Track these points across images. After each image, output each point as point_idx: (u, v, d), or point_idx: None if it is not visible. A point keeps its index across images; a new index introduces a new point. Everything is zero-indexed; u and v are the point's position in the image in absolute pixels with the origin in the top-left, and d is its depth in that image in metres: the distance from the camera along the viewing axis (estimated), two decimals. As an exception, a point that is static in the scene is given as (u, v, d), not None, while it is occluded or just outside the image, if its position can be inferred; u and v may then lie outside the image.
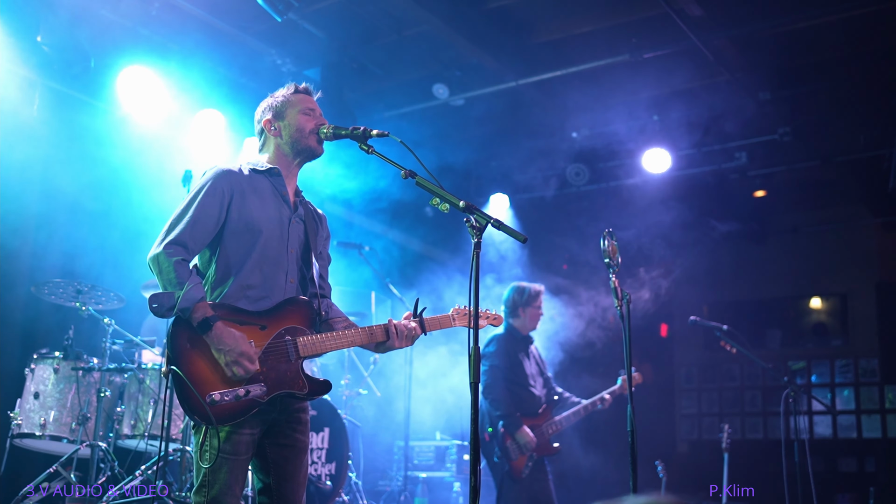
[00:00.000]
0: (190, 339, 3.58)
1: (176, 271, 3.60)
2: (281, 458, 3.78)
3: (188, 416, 3.58)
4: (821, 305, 12.71)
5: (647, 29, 8.20)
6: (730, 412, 12.48)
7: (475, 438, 3.22)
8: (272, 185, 3.96)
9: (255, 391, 3.56)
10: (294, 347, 3.75)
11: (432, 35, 8.45)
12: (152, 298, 3.57)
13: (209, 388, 3.52)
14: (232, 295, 3.75)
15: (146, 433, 6.59)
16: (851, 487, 11.08)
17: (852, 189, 11.18)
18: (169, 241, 3.68)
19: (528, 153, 10.26)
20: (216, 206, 3.78)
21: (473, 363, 3.31)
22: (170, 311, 3.57)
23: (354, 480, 8.00)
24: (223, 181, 3.83)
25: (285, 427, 3.79)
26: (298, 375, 3.75)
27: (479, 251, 3.40)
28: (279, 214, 3.92)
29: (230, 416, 3.55)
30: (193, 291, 3.57)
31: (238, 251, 3.80)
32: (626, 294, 4.34)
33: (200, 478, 3.59)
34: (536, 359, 7.54)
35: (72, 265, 7.61)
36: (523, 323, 7.39)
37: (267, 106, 4.09)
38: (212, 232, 3.78)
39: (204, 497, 3.57)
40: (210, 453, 3.57)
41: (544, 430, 7.17)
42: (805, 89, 8.93)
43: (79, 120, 7.78)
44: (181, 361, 3.55)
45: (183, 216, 3.74)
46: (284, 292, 3.85)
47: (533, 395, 7.30)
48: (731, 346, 7.55)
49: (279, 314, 3.79)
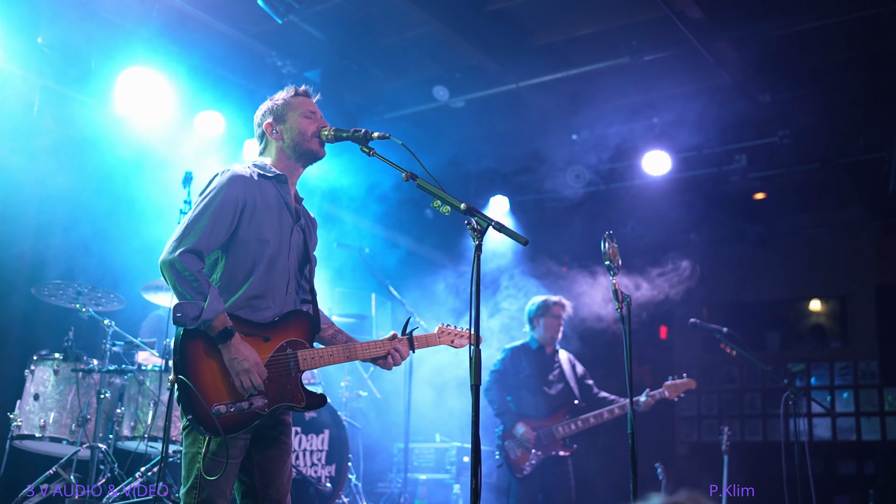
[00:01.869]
0: (199, 350, 3.58)
1: (199, 281, 3.59)
2: (266, 461, 3.80)
3: (192, 425, 3.57)
4: (820, 308, 12.72)
5: (648, 31, 8.20)
6: (729, 414, 12.48)
7: (476, 441, 3.22)
8: (278, 192, 3.95)
9: (258, 403, 3.60)
10: (295, 361, 3.79)
11: (433, 37, 8.45)
12: (177, 308, 3.53)
13: (215, 398, 3.54)
14: (238, 304, 3.75)
15: (146, 435, 6.59)
16: (851, 490, 11.08)
17: (852, 191, 11.19)
18: (185, 249, 3.64)
19: (529, 155, 10.27)
20: (230, 213, 3.77)
21: (474, 366, 3.32)
22: (194, 322, 3.54)
23: (354, 482, 8.00)
24: (238, 188, 3.81)
25: (270, 429, 3.80)
26: (297, 388, 3.79)
27: (480, 253, 3.41)
28: (281, 223, 3.92)
29: (234, 427, 3.58)
30: (216, 303, 3.58)
31: (246, 260, 3.80)
32: (627, 296, 4.34)
33: (191, 479, 3.60)
34: (565, 369, 7.65)
35: (72, 267, 7.61)
36: (540, 334, 7.60)
37: (267, 109, 4.08)
38: (223, 239, 3.78)
39: (195, 499, 3.58)
40: (207, 460, 3.58)
41: (553, 430, 7.25)
42: (805, 92, 8.93)
43: (79, 121, 7.78)
44: (189, 371, 3.55)
45: (199, 222, 3.71)
46: (285, 303, 3.87)
47: (542, 400, 7.44)
48: (731, 348, 7.55)
49: (282, 326, 3.80)
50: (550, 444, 7.24)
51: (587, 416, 7.34)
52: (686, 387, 7.63)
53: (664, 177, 10.03)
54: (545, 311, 7.57)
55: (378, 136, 3.82)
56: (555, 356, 7.67)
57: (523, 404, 7.41)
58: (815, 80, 8.80)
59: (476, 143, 10.02)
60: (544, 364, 7.59)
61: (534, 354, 7.59)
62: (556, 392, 7.51)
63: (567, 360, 7.73)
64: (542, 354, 7.61)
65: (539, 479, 7.22)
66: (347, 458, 7.43)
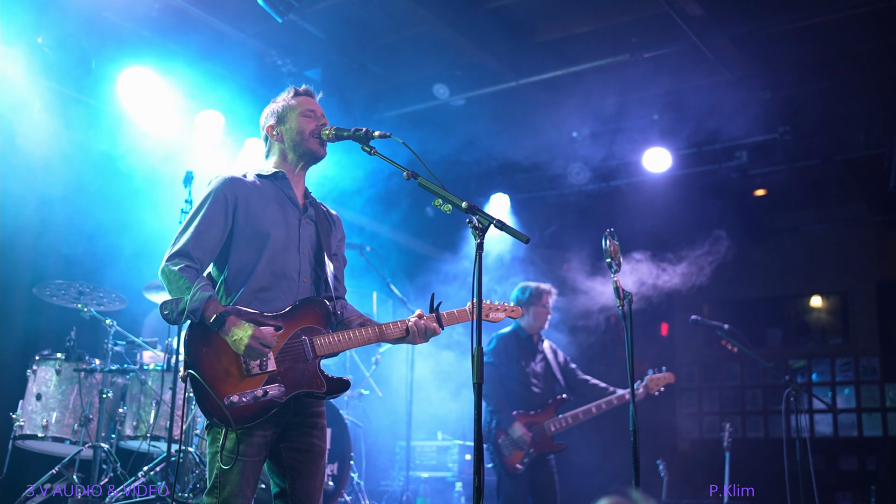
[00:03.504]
0: (205, 342, 3.59)
1: (182, 276, 3.62)
2: (296, 462, 3.77)
3: (207, 418, 3.59)
4: (821, 304, 12.72)
5: (648, 28, 8.21)
6: (731, 411, 12.49)
7: (478, 438, 3.22)
8: (277, 188, 3.97)
9: (274, 391, 3.58)
10: (311, 347, 3.77)
11: (433, 35, 8.45)
12: (162, 306, 3.59)
13: (227, 389, 3.54)
14: (245, 298, 3.76)
15: (148, 434, 6.60)
16: (852, 486, 11.09)
17: (852, 188, 11.19)
18: (172, 253, 3.72)
19: (529, 153, 10.27)
20: (220, 214, 3.80)
21: (477, 363, 3.31)
22: (181, 316, 3.57)
23: (357, 480, 8.00)
24: (227, 188, 3.85)
25: (301, 431, 3.78)
26: (316, 375, 3.76)
27: (481, 252, 3.41)
28: (286, 216, 3.93)
29: (250, 417, 3.57)
30: (201, 292, 3.59)
31: (248, 255, 3.81)
32: (628, 294, 4.34)
33: (213, 479, 3.60)
34: (549, 358, 7.58)
35: (73, 267, 7.61)
36: (529, 322, 7.46)
37: (269, 112, 4.10)
38: (220, 240, 3.80)
39: (216, 498, 3.57)
40: (223, 454, 3.58)
41: (545, 427, 7.20)
42: (805, 88, 8.93)
43: (80, 121, 7.79)
44: (198, 365, 3.55)
45: (187, 228, 3.78)
46: (297, 292, 3.86)
47: (533, 392, 7.36)
48: (732, 344, 7.55)
49: (294, 315, 3.79)
50: (542, 442, 7.18)
51: (577, 412, 7.28)
52: (665, 380, 7.55)
53: (665, 174, 10.04)
54: (537, 300, 7.41)
55: (379, 134, 3.82)
56: (540, 345, 7.57)
57: (513, 395, 7.28)
58: (815, 76, 8.80)
59: (476, 141, 10.01)
60: (531, 353, 7.48)
61: (522, 343, 7.46)
62: (544, 383, 7.43)
63: (550, 349, 7.64)
64: (529, 343, 7.49)
65: (528, 478, 7.14)
66: (350, 457, 7.44)
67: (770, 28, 8.12)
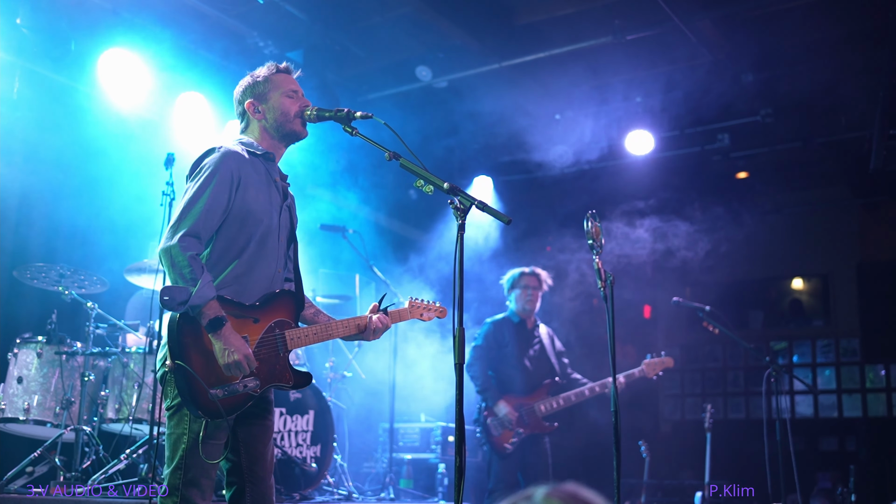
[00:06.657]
0: (192, 335, 3.56)
1: (191, 266, 3.54)
2: (251, 438, 3.80)
3: (189, 409, 3.56)
4: (802, 286, 12.79)
5: (630, 10, 8.20)
6: (712, 392, 12.57)
7: (460, 419, 3.23)
8: (267, 170, 3.94)
9: (251, 384, 3.63)
10: (283, 341, 3.81)
11: (415, 17, 8.42)
12: (164, 291, 3.50)
13: (211, 382, 3.55)
14: (226, 281, 3.73)
15: (130, 417, 6.59)
16: (832, 466, 11.18)
17: (834, 170, 11.24)
18: (184, 233, 3.60)
19: (512, 135, 10.26)
20: (226, 191, 3.72)
21: (458, 344, 3.33)
22: (180, 307, 3.50)
23: (340, 462, 8.02)
24: (232, 164, 3.77)
25: (254, 408, 3.78)
26: (286, 368, 3.83)
27: (463, 233, 3.42)
28: (272, 203, 3.90)
29: (230, 410, 3.60)
30: (206, 290, 3.53)
31: (237, 239, 3.77)
32: (610, 276, 4.35)
33: (176, 460, 3.60)
34: (545, 343, 7.64)
35: (54, 249, 7.58)
36: (515, 306, 7.58)
37: (248, 86, 4.04)
38: (221, 218, 3.73)
39: (179, 479, 3.58)
40: (190, 437, 3.59)
41: (535, 409, 7.26)
42: (787, 71, 8.96)
43: (60, 103, 7.73)
44: (185, 356, 3.53)
45: (195, 204, 3.66)
46: (273, 282, 3.86)
47: (521, 374, 7.43)
48: (714, 326, 7.60)
49: (269, 307, 3.80)
50: (532, 423, 7.26)
51: (568, 395, 7.35)
52: (664, 365, 7.65)
53: (647, 156, 10.06)
54: (516, 283, 7.56)
55: (361, 115, 3.81)
56: (535, 330, 7.65)
57: (505, 380, 7.39)
58: (796, 59, 8.82)
59: (459, 124, 10.00)
60: (525, 338, 7.57)
61: (515, 328, 7.56)
62: (537, 367, 7.50)
63: (547, 335, 7.72)
64: (523, 328, 7.58)
65: (518, 457, 7.23)
66: (333, 439, 7.45)
67: (752, 10, 8.13)
